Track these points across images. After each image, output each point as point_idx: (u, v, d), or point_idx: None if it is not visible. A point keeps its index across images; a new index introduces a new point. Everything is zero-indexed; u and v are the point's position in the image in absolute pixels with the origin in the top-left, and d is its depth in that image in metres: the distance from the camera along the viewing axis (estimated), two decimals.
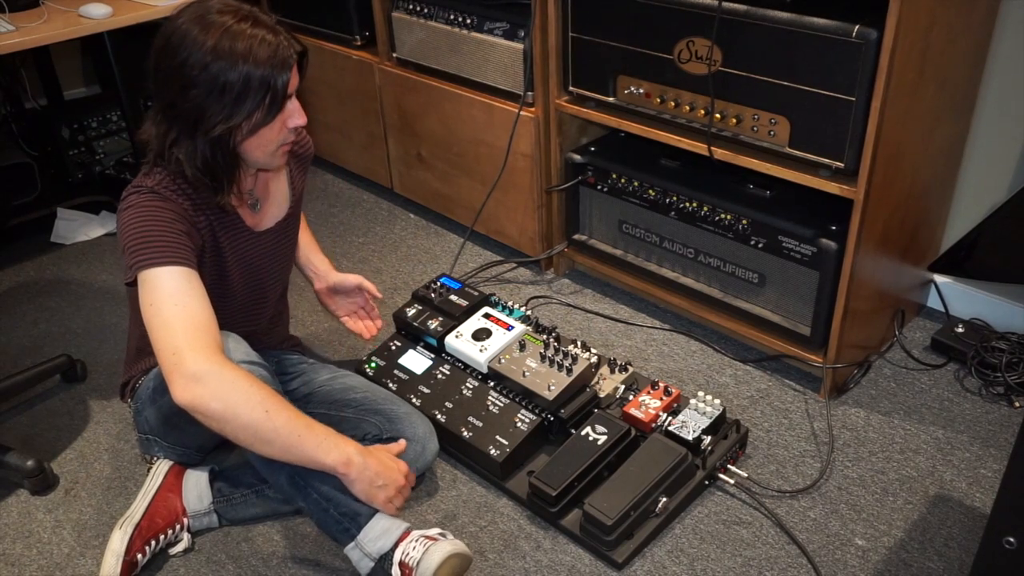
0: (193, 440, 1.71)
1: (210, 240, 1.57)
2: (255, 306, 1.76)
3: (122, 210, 1.50)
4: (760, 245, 1.94)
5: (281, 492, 1.58)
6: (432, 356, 1.98)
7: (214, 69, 1.40)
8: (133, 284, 1.46)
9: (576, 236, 2.38)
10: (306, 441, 1.42)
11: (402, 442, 1.62)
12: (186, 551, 1.65)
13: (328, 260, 2.01)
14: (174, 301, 1.42)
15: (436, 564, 1.45)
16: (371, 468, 1.47)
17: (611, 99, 2.10)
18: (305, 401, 1.78)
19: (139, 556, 1.57)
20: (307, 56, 1.54)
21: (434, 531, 1.52)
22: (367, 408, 1.73)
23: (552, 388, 1.78)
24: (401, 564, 1.47)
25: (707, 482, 1.72)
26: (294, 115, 1.51)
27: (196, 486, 1.68)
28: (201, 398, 1.36)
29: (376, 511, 1.51)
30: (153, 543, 1.59)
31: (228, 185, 1.53)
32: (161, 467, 1.69)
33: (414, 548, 1.48)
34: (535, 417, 1.78)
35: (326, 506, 1.50)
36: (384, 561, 1.49)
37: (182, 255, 1.46)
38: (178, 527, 1.64)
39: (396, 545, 1.49)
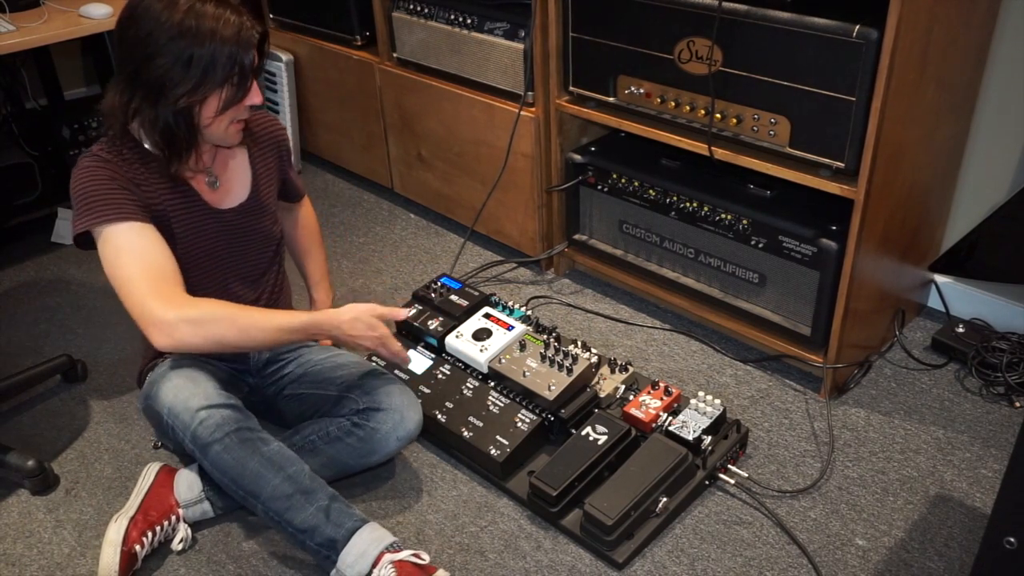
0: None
1: (158, 209, 1.60)
2: (218, 292, 1.72)
3: (72, 174, 1.57)
4: (760, 245, 1.94)
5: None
6: (432, 356, 1.98)
7: (181, 43, 1.45)
8: (83, 244, 1.55)
9: (576, 236, 2.38)
10: (284, 338, 1.59)
11: (399, 310, 1.74)
12: (185, 548, 1.65)
13: (328, 293, 2.10)
14: (128, 255, 1.50)
15: None
16: (341, 338, 1.63)
17: (611, 99, 2.10)
18: (298, 382, 1.79)
19: (137, 548, 1.57)
20: (267, 39, 1.59)
21: (406, 553, 1.50)
22: (349, 384, 1.74)
23: (552, 388, 1.78)
24: None
25: (707, 482, 1.72)
26: (250, 94, 1.57)
27: (186, 479, 1.69)
28: (180, 340, 1.48)
29: (351, 535, 1.50)
30: (150, 535, 1.60)
31: (187, 155, 1.58)
32: (151, 468, 1.72)
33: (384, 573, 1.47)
34: (535, 417, 1.78)
35: (302, 538, 1.51)
36: None
37: (127, 211, 1.52)
38: (173, 518, 1.65)
39: (372, 569, 1.48)
